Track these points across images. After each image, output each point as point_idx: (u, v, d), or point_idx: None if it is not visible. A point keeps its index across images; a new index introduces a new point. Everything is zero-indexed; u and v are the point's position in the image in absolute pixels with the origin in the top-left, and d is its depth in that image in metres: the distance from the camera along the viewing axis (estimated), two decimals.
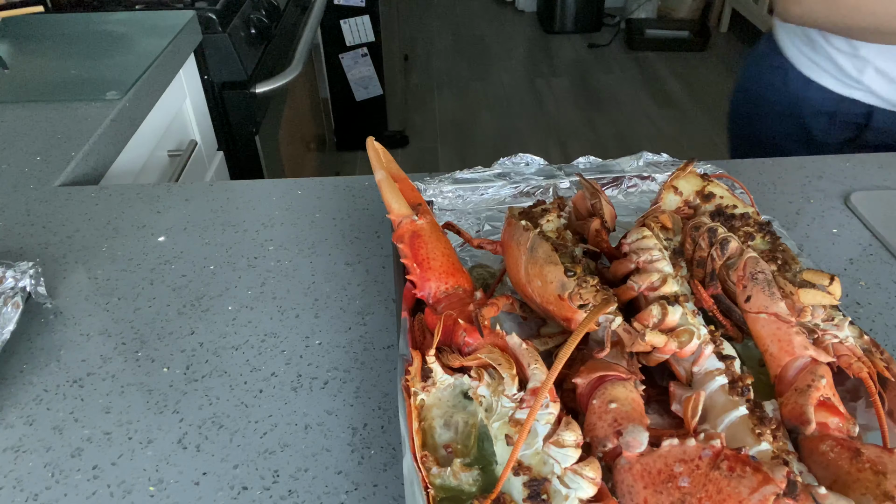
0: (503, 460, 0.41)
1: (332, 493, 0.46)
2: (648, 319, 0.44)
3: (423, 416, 0.44)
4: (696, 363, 0.45)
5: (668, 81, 3.42)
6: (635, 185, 0.73)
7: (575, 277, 0.45)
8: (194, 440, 0.50)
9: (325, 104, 2.22)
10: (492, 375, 0.43)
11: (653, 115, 3.13)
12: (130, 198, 0.77)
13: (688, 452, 0.36)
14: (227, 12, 1.33)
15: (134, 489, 0.46)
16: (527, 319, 0.55)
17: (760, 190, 0.76)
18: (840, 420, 0.42)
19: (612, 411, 0.40)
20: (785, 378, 0.44)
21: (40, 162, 0.83)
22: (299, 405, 0.52)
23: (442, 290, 0.52)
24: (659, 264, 0.48)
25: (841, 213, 0.72)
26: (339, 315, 0.61)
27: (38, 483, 0.47)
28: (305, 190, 0.78)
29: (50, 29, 1.22)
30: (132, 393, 0.53)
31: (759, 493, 0.33)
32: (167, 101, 1.14)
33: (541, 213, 0.56)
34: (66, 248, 0.69)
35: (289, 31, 1.66)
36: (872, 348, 0.46)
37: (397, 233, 0.54)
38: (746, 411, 0.41)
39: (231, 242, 0.70)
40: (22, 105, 0.96)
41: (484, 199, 0.72)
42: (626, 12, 3.99)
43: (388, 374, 0.55)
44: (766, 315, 0.46)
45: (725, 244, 0.50)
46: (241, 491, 0.46)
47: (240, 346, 0.58)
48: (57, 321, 0.60)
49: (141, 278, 0.65)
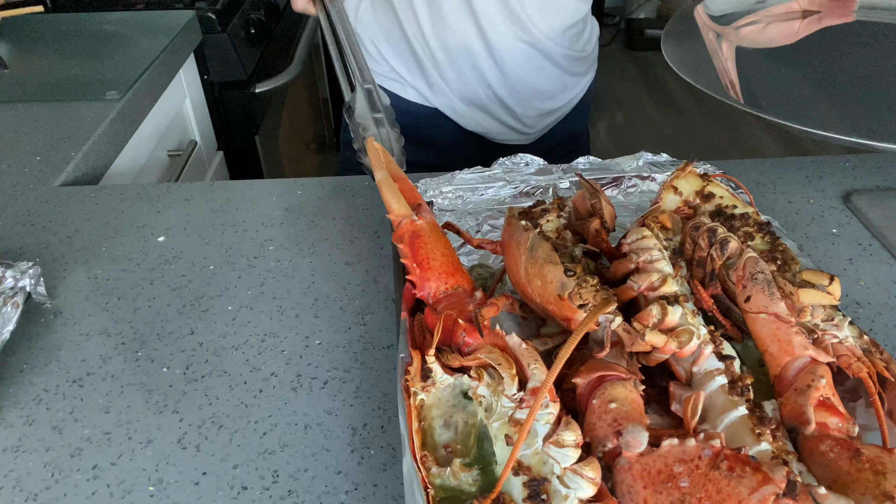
0: (503, 460, 0.41)
1: (332, 493, 0.46)
2: (648, 319, 0.44)
3: (423, 416, 0.44)
4: (695, 363, 0.45)
5: (668, 81, 3.42)
6: (635, 185, 0.73)
7: (575, 277, 0.45)
8: (194, 440, 0.50)
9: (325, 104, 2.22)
10: (491, 375, 0.43)
11: (653, 115, 3.13)
12: (130, 198, 0.77)
13: (687, 452, 0.36)
14: (226, 12, 1.33)
15: (134, 489, 0.46)
16: (526, 319, 0.55)
17: (760, 190, 0.76)
18: (840, 420, 0.42)
19: (611, 411, 0.40)
20: (785, 378, 0.44)
21: (40, 162, 0.83)
22: (299, 405, 0.52)
23: (442, 290, 0.52)
24: (659, 264, 0.48)
25: (841, 213, 0.72)
26: (338, 315, 0.61)
27: (37, 483, 0.47)
28: (305, 190, 0.78)
29: (50, 29, 1.22)
30: (132, 393, 0.53)
31: (758, 492, 0.33)
32: (167, 101, 1.14)
33: (540, 213, 0.56)
34: (66, 248, 0.69)
35: (289, 30, 1.66)
36: (872, 348, 0.46)
37: (397, 233, 0.54)
38: (746, 411, 0.41)
39: (231, 242, 0.70)
40: (22, 105, 0.96)
41: (484, 200, 0.72)
42: (626, 12, 3.99)
43: (388, 374, 0.55)
44: (766, 315, 0.46)
45: (725, 244, 0.50)
46: (240, 491, 0.46)
47: (239, 346, 0.58)
48: (57, 321, 0.60)
49: (141, 278, 0.65)
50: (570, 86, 1.01)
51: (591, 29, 1.01)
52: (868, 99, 0.70)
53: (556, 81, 0.98)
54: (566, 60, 0.97)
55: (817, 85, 0.73)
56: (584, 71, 1.03)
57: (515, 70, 0.93)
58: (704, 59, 0.77)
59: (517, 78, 0.94)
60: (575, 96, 1.04)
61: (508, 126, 1.00)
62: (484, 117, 0.98)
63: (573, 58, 0.98)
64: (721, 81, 0.71)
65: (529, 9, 0.89)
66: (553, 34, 0.93)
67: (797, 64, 0.77)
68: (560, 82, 0.99)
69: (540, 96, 0.98)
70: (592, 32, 1.02)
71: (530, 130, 1.02)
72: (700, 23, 0.85)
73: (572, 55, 0.97)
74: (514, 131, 1.01)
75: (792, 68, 0.76)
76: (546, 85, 0.97)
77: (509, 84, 0.94)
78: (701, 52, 0.78)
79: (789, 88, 0.72)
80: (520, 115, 0.98)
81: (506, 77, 0.94)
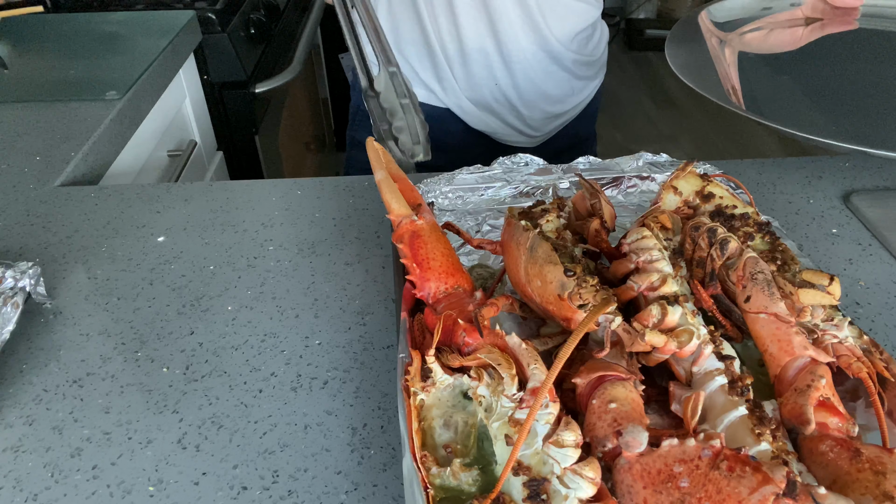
0: (503, 460, 0.41)
1: (332, 493, 0.46)
2: (648, 319, 0.44)
3: (423, 416, 0.44)
4: (695, 363, 0.45)
5: (668, 81, 3.42)
6: (635, 186, 0.73)
7: (574, 277, 0.45)
8: (194, 440, 0.50)
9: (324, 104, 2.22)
10: (491, 375, 0.43)
11: (653, 115, 3.13)
12: (130, 198, 0.77)
13: (687, 452, 0.36)
14: (226, 12, 1.33)
15: (133, 489, 0.46)
16: (526, 319, 0.55)
17: (760, 190, 0.76)
18: (840, 420, 0.42)
19: (611, 411, 0.40)
20: (784, 378, 0.44)
21: (40, 162, 0.83)
22: (299, 405, 0.52)
23: (442, 290, 0.52)
24: (658, 264, 0.48)
25: (841, 213, 0.72)
26: (338, 315, 0.61)
27: (37, 483, 0.47)
28: (305, 190, 0.78)
29: (50, 29, 1.22)
30: (132, 393, 0.53)
31: (758, 493, 0.33)
32: (167, 101, 1.14)
33: (540, 214, 0.56)
34: (66, 248, 0.69)
35: (288, 31, 1.66)
36: (872, 348, 0.46)
37: (397, 233, 0.54)
38: (746, 411, 0.41)
39: (231, 242, 0.70)
40: (22, 105, 0.96)
41: (483, 200, 0.72)
42: (626, 12, 3.99)
43: (388, 374, 0.55)
44: (766, 315, 0.46)
45: (725, 244, 0.50)
46: (240, 491, 0.46)
47: (239, 346, 0.58)
48: (57, 321, 0.60)
49: (140, 278, 0.65)
50: (577, 90, 1.01)
51: (600, 33, 1.02)
52: (869, 106, 0.70)
53: (563, 85, 0.98)
54: (575, 65, 0.97)
55: (819, 91, 0.73)
56: (593, 75, 1.04)
57: (525, 72, 0.94)
58: (707, 64, 0.77)
59: (526, 80, 0.94)
60: (582, 101, 1.04)
61: (514, 128, 1.00)
62: (491, 118, 0.99)
63: (582, 62, 0.98)
64: (723, 86, 0.72)
65: (547, 13, 0.89)
66: (564, 38, 0.93)
67: (799, 70, 0.77)
68: (568, 86, 0.99)
69: (547, 100, 0.98)
70: (602, 37, 1.02)
71: (536, 133, 1.02)
72: (704, 28, 0.85)
73: (581, 59, 0.98)
74: (520, 133, 1.01)
75: (794, 74, 0.76)
76: (554, 89, 0.98)
77: (518, 86, 0.95)
78: (704, 57, 0.79)
79: (791, 94, 0.73)
80: (526, 118, 0.99)
81: (515, 79, 0.94)
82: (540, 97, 0.97)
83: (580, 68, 0.99)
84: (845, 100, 0.72)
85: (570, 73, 0.98)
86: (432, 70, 0.95)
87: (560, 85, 0.98)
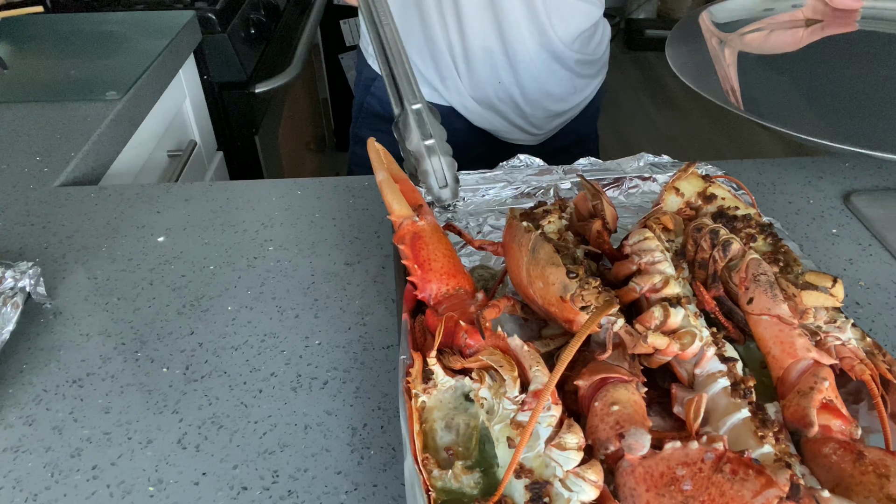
0: (505, 463, 0.41)
1: (332, 493, 0.46)
2: (650, 321, 0.44)
3: (424, 418, 0.44)
4: (698, 365, 0.45)
5: (668, 82, 3.42)
6: (636, 186, 0.73)
7: (577, 279, 0.45)
8: (194, 440, 0.50)
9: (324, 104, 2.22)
10: (493, 377, 0.43)
11: (653, 115, 3.13)
12: (130, 198, 0.77)
13: (690, 455, 0.36)
14: (226, 12, 1.33)
15: (133, 489, 0.46)
16: (528, 321, 0.55)
17: (760, 190, 0.76)
18: (843, 422, 0.41)
19: (614, 413, 0.40)
20: (787, 380, 0.44)
21: (40, 162, 0.83)
22: (299, 405, 0.52)
23: (443, 292, 0.51)
24: (661, 266, 0.48)
25: (841, 214, 0.72)
26: (338, 315, 0.60)
27: (37, 483, 0.47)
28: (305, 190, 0.78)
29: (50, 29, 1.22)
30: (132, 393, 0.53)
31: (762, 496, 0.33)
32: (167, 101, 1.14)
33: (542, 215, 0.56)
34: (66, 248, 0.69)
35: (288, 31, 1.66)
36: (875, 350, 0.46)
37: (398, 234, 0.54)
38: (749, 414, 0.41)
39: (231, 242, 0.70)
40: (22, 105, 0.96)
41: (485, 201, 0.72)
42: (626, 12, 3.99)
43: (388, 375, 0.54)
44: (769, 317, 0.46)
45: (727, 246, 0.49)
46: (240, 491, 0.46)
47: (239, 346, 0.57)
48: (56, 321, 0.60)
49: (140, 278, 0.65)
50: (579, 88, 1.01)
51: (602, 32, 1.02)
52: (868, 107, 0.70)
53: (566, 84, 0.99)
54: (577, 64, 0.98)
55: (818, 93, 0.73)
56: (595, 74, 1.04)
57: (529, 71, 0.94)
58: (707, 64, 0.77)
59: (529, 79, 0.95)
60: (584, 99, 1.04)
61: (517, 126, 1.00)
62: (494, 116, 0.99)
63: (584, 61, 0.99)
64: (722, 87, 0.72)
65: (552, 14, 0.90)
66: (568, 38, 0.94)
67: (799, 71, 0.77)
68: (570, 85, 0.99)
69: (550, 98, 0.98)
70: (604, 36, 1.02)
71: (538, 131, 1.03)
72: (704, 29, 0.85)
73: (583, 59, 0.98)
74: (523, 131, 1.02)
75: (794, 76, 0.76)
76: (556, 88, 0.98)
77: (521, 85, 0.95)
78: (704, 57, 0.79)
79: (791, 95, 0.73)
80: (529, 116, 0.99)
81: (518, 78, 0.94)
82: (543, 96, 0.97)
83: (582, 67, 0.99)
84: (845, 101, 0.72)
85: (573, 72, 0.98)
86: (436, 68, 0.95)
87: (563, 84, 0.98)
